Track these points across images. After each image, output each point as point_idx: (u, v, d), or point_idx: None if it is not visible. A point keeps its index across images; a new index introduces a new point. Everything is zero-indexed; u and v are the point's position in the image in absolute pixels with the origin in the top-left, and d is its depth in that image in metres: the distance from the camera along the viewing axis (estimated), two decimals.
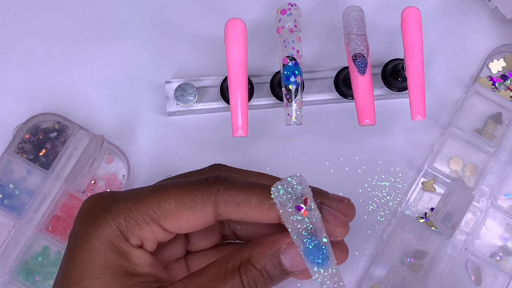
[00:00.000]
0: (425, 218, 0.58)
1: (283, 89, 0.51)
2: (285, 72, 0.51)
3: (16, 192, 0.56)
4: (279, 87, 0.56)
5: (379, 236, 0.57)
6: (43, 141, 0.56)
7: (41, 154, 0.56)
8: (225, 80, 0.56)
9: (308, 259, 0.41)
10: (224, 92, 0.57)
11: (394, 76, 0.57)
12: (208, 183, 0.42)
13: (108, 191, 0.45)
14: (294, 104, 0.50)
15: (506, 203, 0.57)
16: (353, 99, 0.52)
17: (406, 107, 0.52)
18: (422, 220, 0.58)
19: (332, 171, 0.59)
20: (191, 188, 0.42)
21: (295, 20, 0.52)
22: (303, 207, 0.40)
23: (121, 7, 0.60)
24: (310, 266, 0.41)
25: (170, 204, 0.42)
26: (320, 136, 0.59)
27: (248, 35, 0.50)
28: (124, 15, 0.60)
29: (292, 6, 0.52)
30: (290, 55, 0.51)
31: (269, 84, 0.57)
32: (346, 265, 0.57)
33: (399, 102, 0.59)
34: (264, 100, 0.58)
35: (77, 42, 0.60)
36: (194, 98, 0.57)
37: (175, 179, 0.47)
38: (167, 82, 0.58)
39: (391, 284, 0.55)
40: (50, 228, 0.56)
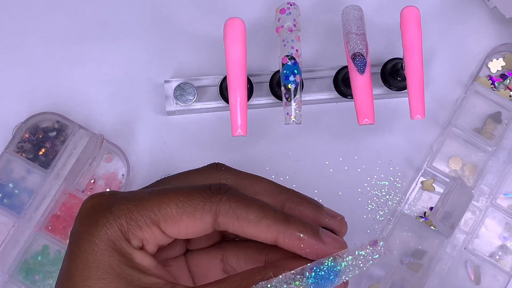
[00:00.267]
0: (424, 218, 0.58)
1: (282, 88, 0.51)
2: (284, 72, 0.51)
3: (16, 191, 0.56)
4: (278, 86, 0.56)
5: (379, 235, 0.57)
6: (42, 140, 0.56)
7: (40, 153, 0.56)
8: (224, 79, 0.56)
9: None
10: (223, 92, 0.57)
11: (393, 75, 0.57)
12: (211, 191, 0.42)
13: (108, 190, 0.45)
14: (293, 104, 0.50)
15: (505, 202, 0.57)
16: (352, 98, 0.52)
17: (406, 106, 0.52)
18: (421, 220, 0.58)
19: (331, 170, 0.59)
20: (193, 194, 0.42)
21: (294, 20, 0.52)
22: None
23: (120, 7, 0.60)
24: None
25: (171, 208, 0.42)
26: (319, 136, 0.59)
27: (247, 34, 0.50)
28: (124, 15, 0.60)
29: (291, 5, 0.52)
30: (289, 54, 0.51)
31: (268, 83, 0.57)
32: None
33: (398, 102, 0.59)
34: (263, 99, 0.58)
35: (76, 41, 0.60)
36: (193, 97, 0.57)
37: (173, 178, 0.47)
38: (166, 82, 0.58)
39: (390, 283, 0.55)
40: (50, 228, 0.56)
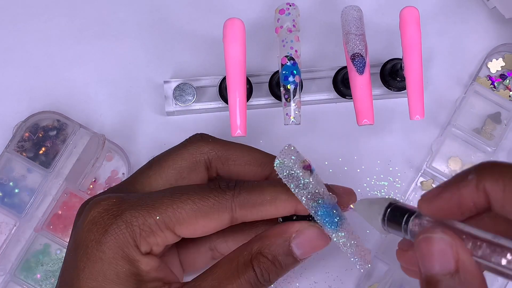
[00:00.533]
0: None
1: (282, 88, 0.51)
2: (283, 72, 0.50)
3: (16, 191, 0.56)
4: (277, 86, 0.56)
5: (378, 236, 0.57)
6: (43, 139, 0.56)
7: (41, 152, 0.56)
8: (223, 80, 0.56)
9: (326, 221, 0.42)
10: (222, 92, 0.57)
11: (392, 75, 0.57)
12: (222, 190, 0.43)
13: (112, 194, 0.44)
14: (293, 104, 0.50)
15: None
16: (351, 98, 0.52)
17: (405, 106, 0.52)
18: None
19: (330, 170, 0.59)
20: (206, 195, 0.42)
21: (294, 20, 0.52)
22: (311, 165, 0.43)
23: (120, 6, 0.60)
24: (330, 232, 0.42)
25: (186, 212, 0.42)
26: (318, 136, 0.59)
27: (246, 34, 0.50)
28: (124, 15, 0.60)
29: (290, 5, 0.52)
30: (288, 54, 0.51)
31: (267, 83, 0.57)
32: (345, 265, 0.57)
33: (397, 102, 0.59)
34: (262, 99, 0.58)
35: (76, 41, 0.60)
36: (192, 98, 0.57)
37: (162, 159, 0.46)
38: (165, 82, 0.58)
39: (390, 283, 0.55)
40: (51, 227, 0.56)
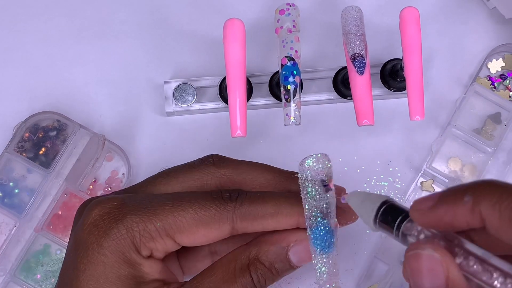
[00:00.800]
0: None
1: (282, 89, 0.51)
2: (283, 72, 0.50)
3: (16, 191, 0.56)
4: (277, 87, 0.56)
5: (378, 236, 0.57)
6: (43, 139, 0.56)
7: (41, 152, 0.56)
8: (223, 80, 0.56)
9: (315, 243, 0.41)
10: (222, 92, 0.57)
11: (392, 76, 0.57)
12: (224, 200, 0.42)
13: (114, 196, 0.44)
14: (293, 104, 0.50)
15: None
16: (351, 99, 0.52)
17: (405, 107, 0.52)
18: None
19: None
20: (208, 205, 0.42)
21: (294, 20, 0.52)
22: (328, 185, 0.41)
23: (120, 7, 0.60)
24: (315, 251, 0.42)
25: (187, 220, 0.42)
26: (318, 136, 0.59)
27: (246, 35, 0.50)
28: (124, 15, 0.60)
29: (290, 6, 0.52)
30: (288, 55, 0.51)
31: (267, 84, 0.57)
32: (345, 265, 0.57)
33: (397, 102, 0.59)
34: (262, 100, 0.58)
35: (76, 41, 0.60)
36: (192, 98, 0.57)
37: (171, 175, 0.46)
38: (166, 82, 0.58)
39: (390, 284, 0.55)
40: (51, 227, 0.56)
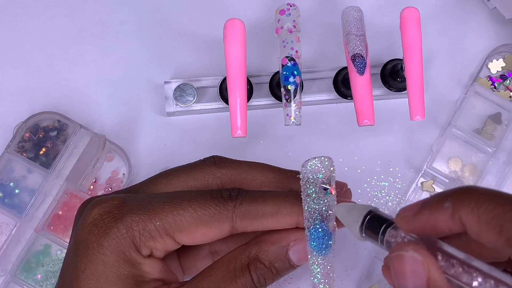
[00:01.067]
0: None
1: (282, 89, 0.51)
2: (284, 73, 0.50)
3: (16, 191, 0.56)
4: (278, 87, 0.56)
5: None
6: (43, 139, 0.56)
7: (41, 152, 0.56)
8: (224, 80, 0.56)
9: (312, 244, 0.42)
10: (223, 93, 0.57)
11: (393, 76, 0.57)
12: (224, 199, 0.42)
13: (114, 196, 0.44)
14: (293, 105, 0.50)
15: None
16: (352, 99, 0.52)
17: (405, 107, 0.52)
18: None
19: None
20: (208, 204, 0.42)
21: (294, 21, 0.52)
22: (333, 189, 0.41)
23: (120, 7, 0.60)
24: (311, 252, 0.42)
25: (187, 219, 0.42)
26: (319, 137, 0.59)
27: (247, 35, 0.50)
28: (124, 15, 0.60)
29: (291, 6, 0.52)
30: (289, 55, 0.51)
31: (268, 84, 0.57)
32: (345, 265, 0.57)
33: (398, 102, 0.59)
34: (263, 100, 0.58)
35: (76, 41, 0.60)
36: (193, 98, 0.57)
37: (173, 175, 0.46)
38: (166, 83, 0.58)
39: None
40: (52, 227, 0.56)
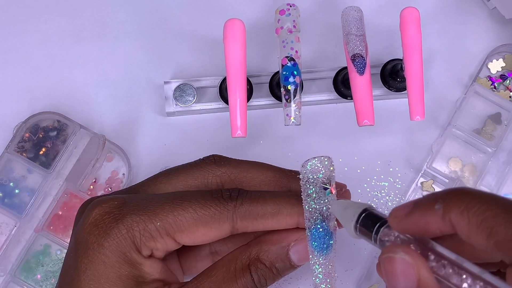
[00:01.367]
0: None
1: (282, 89, 0.51)
2: (284, 73, 0.50)
3: (16, 191, 0.56)
4: (278, 87, 0.56)
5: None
6: (43, 140, 0.56)
7: (41, 152, 0.56)
8: (224, 80, 0.56)
9: (314, 244, 0.42)
10: (223, 93, 0.57)
11: (393, 76, 0.57)
12: (224, 199, 0.42)
13: (114, 196, 0.44)
14: (293, 105, 0.50)
15: None
16: (352, 99, 0.52)
17: (405, 107, 0.52)
18: None
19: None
20: (208, 204, 0.42)
21: (294, 21, 0.52)
22: (333, 188, 0.42)
23: (120, 7, 0.60)
24: (313, 252, 0.42)
25: (187, 219, 0.42)
26: (319, 137, 0.59)
27: (247, 35, 0.50)
28: (124, 15, 0.60)
29: (291, 6, 0.52)
30: (289, 55, 0.51)
31: (268, 84, 0.57)
32: (345, 265, 0.57)
33: (398, 103, 0.59)
34: (263, 100, 0.58)
35: (76, 41, 0.60)
36: (193, 98, 0.57)
37: (172, 174, 0.46)
38: (166, 83, 0.58)
39: None
40: (52, 227, 0.56)
